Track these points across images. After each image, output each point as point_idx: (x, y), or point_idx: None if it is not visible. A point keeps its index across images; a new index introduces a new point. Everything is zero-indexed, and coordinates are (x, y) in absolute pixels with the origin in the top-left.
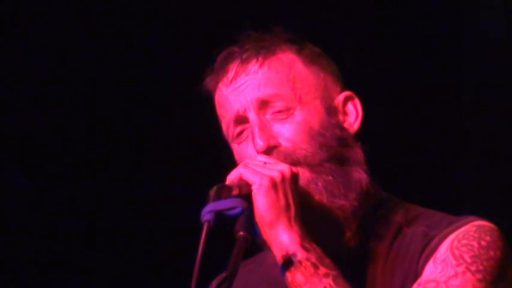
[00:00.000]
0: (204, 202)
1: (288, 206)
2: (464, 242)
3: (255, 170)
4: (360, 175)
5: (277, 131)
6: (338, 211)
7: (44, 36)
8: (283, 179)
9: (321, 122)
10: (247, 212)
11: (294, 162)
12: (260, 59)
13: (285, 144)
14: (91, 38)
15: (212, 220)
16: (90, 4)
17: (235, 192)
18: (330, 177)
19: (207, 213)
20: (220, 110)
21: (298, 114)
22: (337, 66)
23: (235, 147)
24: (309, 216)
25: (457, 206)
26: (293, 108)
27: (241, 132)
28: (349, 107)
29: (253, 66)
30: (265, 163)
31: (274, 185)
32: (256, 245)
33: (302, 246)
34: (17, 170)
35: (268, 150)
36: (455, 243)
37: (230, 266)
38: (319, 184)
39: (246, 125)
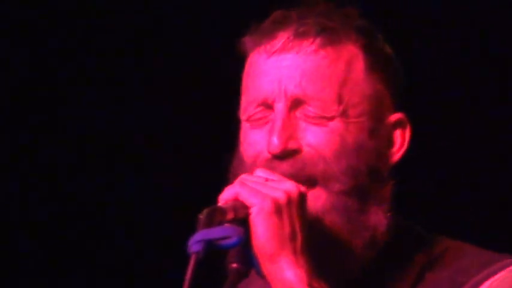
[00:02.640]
0: (192, 228)
1: (293, 234)
2: None
3: (255, 188)
4: (378, 219)
5: (303, 133)
6: (344, 251)
7: None
8: (288, 200)
9: (358, 143)
10: (244, 241)
11: (309, 178)
12: (318, 41)
13: (307, 149)
14: None
15: (201, 251)
16: None
17: (229, 216)
18: (343, 215)
19: (195, 243)
20: (247, 79)
21: (334, 127)
22: (404, 76)
23: (246, 129)
24: (316, 244)
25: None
26: (330, 119)
27: (260, 117)
28: (397, 133)
29: (307, 46)
30: (266, 180)
31: (277, 208)
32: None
33: (310, 286)
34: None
35: (284, 155)
36: None
37: None
38: (333, 215)
39: (271, 112)
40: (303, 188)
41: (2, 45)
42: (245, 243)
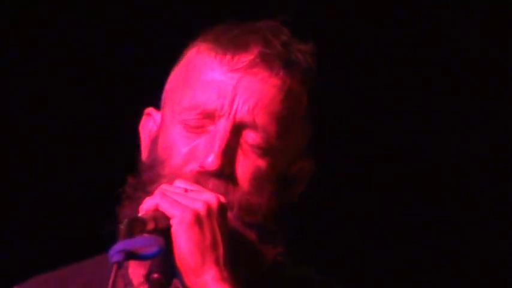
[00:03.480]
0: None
1: (215, 245)
2: None
3: (175, 200)
4: (269, 256)
5: (238, 160)
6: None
7: None
8: (208, 211)
9: (277, 181)
10: (165, 251)
11: (228, 204)
12: (282, 74)
13: (236, 178)
14: None
15: (122, 262)
16: None
17: (150, 226)
18: (242, 238)
19: (116, 254)
20: (194, 79)
21: (266, 161)
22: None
23: (179, 131)
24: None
25: None
26: (266, 152)
27: (199, 125)
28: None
29: (269, 76)
30: (186, 190)
31: (198, 219)
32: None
33: None
34: None
35: (218, 175)
36: None
37: None
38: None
39: (210, 123)
40: (222, 198)
41: None
42: (166, 254)
